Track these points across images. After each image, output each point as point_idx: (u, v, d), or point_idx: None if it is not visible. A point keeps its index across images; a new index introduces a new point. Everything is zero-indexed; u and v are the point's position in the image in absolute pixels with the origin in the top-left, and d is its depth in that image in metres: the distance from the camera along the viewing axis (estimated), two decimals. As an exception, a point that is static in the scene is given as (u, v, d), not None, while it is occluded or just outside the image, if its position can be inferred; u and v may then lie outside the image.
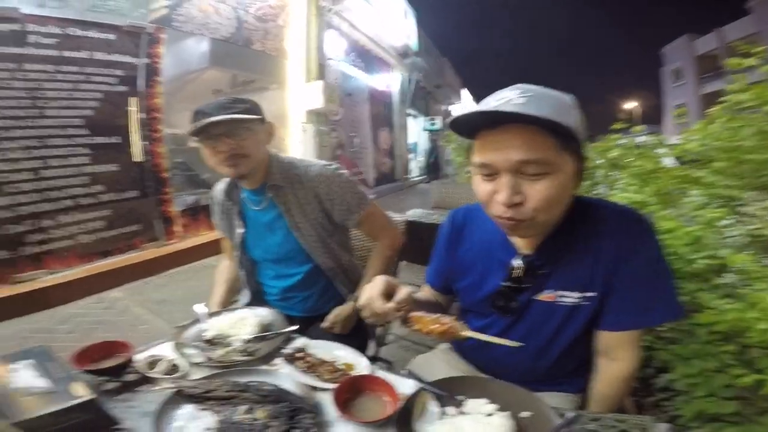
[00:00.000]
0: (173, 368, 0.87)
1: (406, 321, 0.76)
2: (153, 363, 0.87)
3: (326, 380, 0.83)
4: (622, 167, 2.00)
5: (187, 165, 4.34)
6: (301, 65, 5.69)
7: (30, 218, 3.04)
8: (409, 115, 11.93)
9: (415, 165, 13.19)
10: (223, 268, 1.44)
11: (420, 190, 10.08)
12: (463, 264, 0.94)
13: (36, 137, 3.05)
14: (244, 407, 0.72)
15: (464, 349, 1.01)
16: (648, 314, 0.77)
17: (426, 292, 1.06)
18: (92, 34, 3.39)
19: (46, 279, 3.07)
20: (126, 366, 0.86)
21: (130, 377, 0.85)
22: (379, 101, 9.75)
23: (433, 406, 0.72)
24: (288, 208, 1.22)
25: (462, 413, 0.69)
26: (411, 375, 0.81)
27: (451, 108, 16.62)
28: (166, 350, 0.94)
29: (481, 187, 0.74)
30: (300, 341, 0.99)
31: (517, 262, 0.82)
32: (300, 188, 1.22)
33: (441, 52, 15.20)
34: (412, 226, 1.64)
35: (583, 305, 0.79)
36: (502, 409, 0.68)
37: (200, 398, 0.75)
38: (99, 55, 3.43)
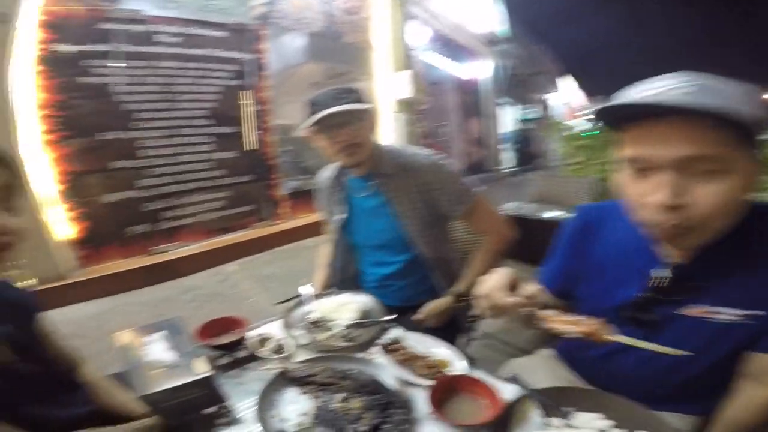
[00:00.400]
0: (280, 348, 0.91)
1: (532, 318, 0.69)
2: (262, 341, 0.92)
3: (420, 375, 0.81)
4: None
5: (292, 153, 4.72)
6: (387, 56, 5.78)
7: (165, 197, 3.55)
8: (502, 103, 11.45)
9: (508, 155, 12.60)
10: (325, 251, 1.48)
11: (513, 181, 9.60)
12: (592, 268, 0.84)
13: (170, 127, 3.54)
14: (341, 395, 0.73)
15: (574, 357, 0.91)
16: None
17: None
18: (207, 32, 3.81)
19: (175, 252, 3.53)
20: (240, 343, 0.91)
21: (241, 354, 0.91)
22: (468, 90, 9.54)
23: (536, 416, 0.66)
24: (393, 195, 1.23)
25: (569, 426, 0.63)
26: (514, 380, 0.75)
27: (547, 97, 15.62)
28: (274, 329, 0.99)
29: (632, 187, 0.65)
30: (396, 332, 0.99)
31: (661, 272, 0.72)
32: (406, 176, 1.22)
33: (535, 39, 14.39)
34: (514, 221, 1.49)
35: (745, 324, 0.67)
36: (618, 426, 0.62)
37: (302, 382, 0.77)
38: (215, 52, 3.85)
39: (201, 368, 0.73)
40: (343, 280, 1.40)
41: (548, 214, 2.92)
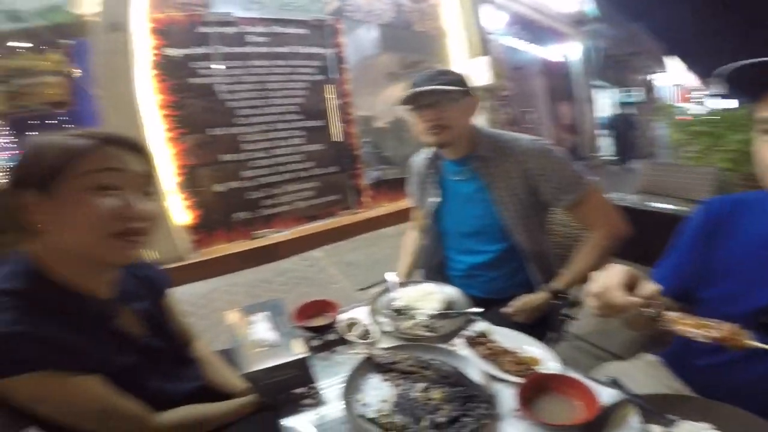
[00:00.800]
0: (366, 334, 0.95)
1: (655, 320, 0.62)
2: (350, 326, 0.97)
3: (507, 371, 0.79)
4: None
5: (374, 144, 4.85)
6: (462, 42, 5.58)
7: (264, 187, 3.90)
8: (596, 86, 10.41)
9: (606, 142, 11.46)
10: (411, 239, 1.48)
11: (612, 171, 8.72)
12: (721, 267, 0.75)
13: (266, 122, 3.87)
14: (422, 385, 0.74)
15: (683, 365, 0.82)
16: None
17: None
18: (290, 30, 4.04)
19: (272, 237, 3.86)
20: (331, 326, 0.97)
21: (331, 337, 0.96)
22: (556, 73, 8.85)
23: (635, 422, 0.62)
24: (492, 180, 1.19)
25: None
26: (614, 383, 0.69)
27: (652, 78, 13.78)
28: (361, 314, 1.03)
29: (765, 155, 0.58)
30: (482, 325, 0.97)
31: None
32: (507, 161, 1.18)
33: (631, 18, 12.80)
34: (628, 215, 1.31)
35: None
36: None
37: (385, 368, 0.79)
38: (299, 49, 4.08)
39: (298, 349, 0.79)
40: (429, 267, 1.40)
41: (660, 206, 2.60)
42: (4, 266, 0.66)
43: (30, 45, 3.26)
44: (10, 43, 3.26)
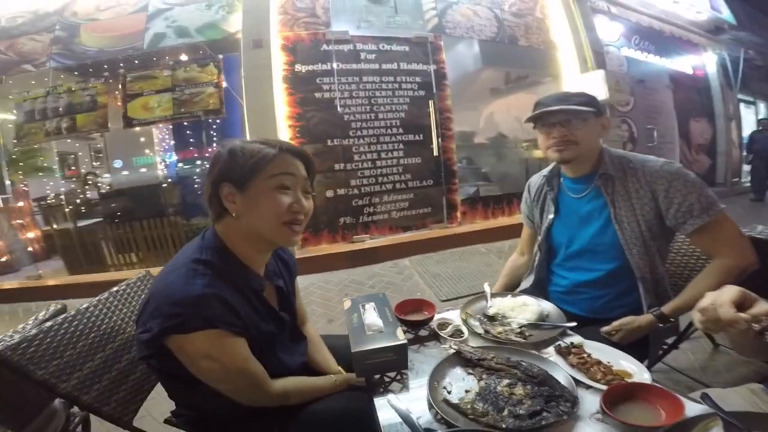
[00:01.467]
0: (457, 332, 1.04)
1: (762, 333, 0.61)
2: (443, 325, 1.07)
3: (595, 380, 0.81)
4: None
5: (470, 159, 4.88)
6: (574, 55, 5.32)
7: (367, 196, 4.21)
8: (742, 101, 8.91)
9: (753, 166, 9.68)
10: (512, 261, 1.54)
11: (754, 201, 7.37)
12: None
13: (373, 135, 4.20)
14: (507, 381, 0.80)
15: None
16: None
17: None
18: (395, 47, 4.32)
19: (369, 242, 4.13)
20: (427, 322, 1.08)
21: (424, 333, 1.08)
22: (688, 86, 7.80)
23: None
24: (615, 198, 1.20)
25: None
26: (706, 399, 0.69)
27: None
28: (453, 316, 1.13)
29: None
30: (577, 338, 0.99)
31: None
32: (633, 181, 1.18)
33: None
34: (760, 246, 1.17)
35: None
36: None
37: (473, 364, 0.87)
38: (403, 65, 4.34)
39: (401, 336, 0.90)
40: (535, 281, 1.42)
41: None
42: (196, 240, 0.90)
43: (194, 58, 4.02)
44: (182, 57, 4.06)
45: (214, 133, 4.07)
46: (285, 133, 3.88)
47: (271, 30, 3.89)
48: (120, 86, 3.96)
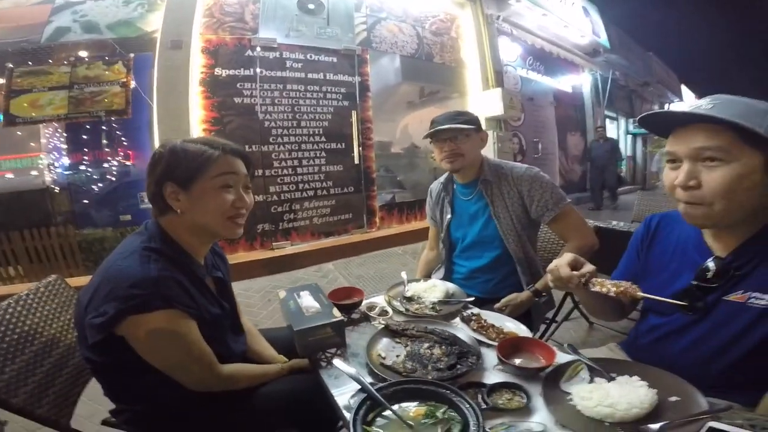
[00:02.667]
0: (384, 312, 1.23)
1: (586, 284, 0.87)
2: (371, 307, 1.25)
3: (491, 339, 1.03)
4: None
5: (388, 168, 5.17)
6: (479, 74, 5.94)
7: (287, 202, 4.21)
8: (608, 117, 10.66)
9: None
10: (425, 256, 1.79)
11: (620, 202, 8.84)
12: (654, 264, 1.00)
13: (295, 143, 4.23)
14: (427, 344, 0.99)
15: (633, 348, 1.06)
16: None
17: None
18: (323, 57, 4.43)
19: (290, 249, 4.14)
20: (357, 305, 1.24)
21: (355, 315, 1.23)
22: (567, 104, 9.09)
23: (585, 375, 0.84)
24: (493, 200, 1.49)
25: (611, 384, 0.78)
26: (570, 348, 0.92)
27: (668, 107, 13.91)
28: (379, 300, 1.32)
29: (668, 176, 0.83)
30: (475, 309, 1.24)
31: (710, 264, 0.85)
32: (505, 184, 1.48)
33: (644, 47, 13.10)
34: (601, 233, 1.69)
35: None
36: (650, 387, 0.74)
37: (398, 333, 1.06)
38: (330, 75, 4.46)
39: (337, 314, 1.04)
40: (440, 269, 1.69)
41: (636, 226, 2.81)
42: (143, 232, 0.93)
43: (99, 55, 3.69)
44: (82, 53, 3.68)
45: (117, 135, 3.72)
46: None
47: (193, 31, 3.75)
48: (4, 81, 3.47)
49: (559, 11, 7.61)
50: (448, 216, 1.60)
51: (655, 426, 0.66)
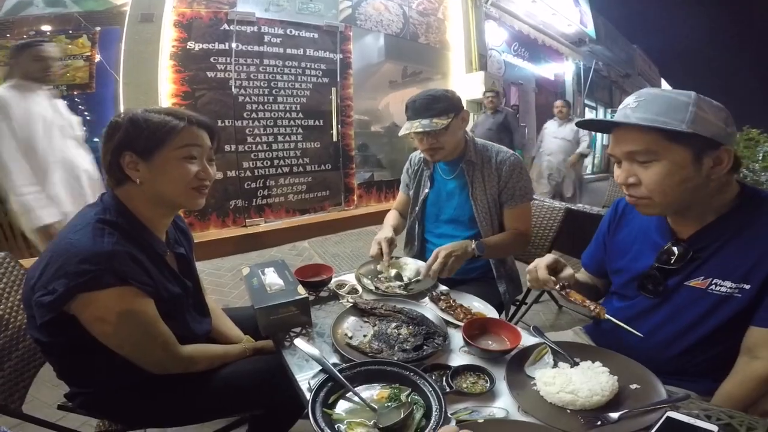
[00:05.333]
0: (353, 290, 1.20)
1: (561, 291, 0.90)
2: (341, 285, 1.22)
3: (459, 319, 1.02)
4: None
5: (366, 146, 5.09)
6: (463, 56, 5.87)
7: (261, 178, 4.10)
8: (587, 106, 10.81)
9: (590, 161, 11.85)
10: (393, 215, 1.71)
11: (592, 188, 9.05)
12: (620, 247, 1.02)
13: (270, 118, 4.09)
14: (395, 324, 0.98)
15: (595, 333, 1.09)
16: None
17: (583, 275, 1.15)
18: (303, 33, 4.28)
19: (263, 225, 4.06)
20: (326, 283, 1.20)
21: (324, 293, 1.19)
22: (549, 92, 9.15)
23: (549, 359, 0.84)
24: (473, 180, 1.46)
25: (573, 369, 0.78)
26: (536, 331, 0.92)
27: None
28: (349, 278, 1.29)
29: (615, 173, 0.87)
30: (445, 288, 1.23)
31: (670, 245, 0.87)
32: (488, 167, 1.46)
33: (630, 39, 13.23)
34: (572, 215, 1.75)
35: (734, 296, 0.80)
36: (612, 374, 0.75)
37: (367, 312, 1.03)
38: (310, 52, 4.31)
39: (302, 291, 1.01)
40: (411, 249, 1.67)
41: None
42: (98, 204, 0.88)
43: (63, 29, 3.51)
44: (45, 27, 3.52)
45: (80, 110, 3.55)
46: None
47: (165, 4, 3.53)
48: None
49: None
50: (426, 190, 1.57)
51: (615, 415, 0.67)
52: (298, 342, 0.85)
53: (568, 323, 2.42)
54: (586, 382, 0.71)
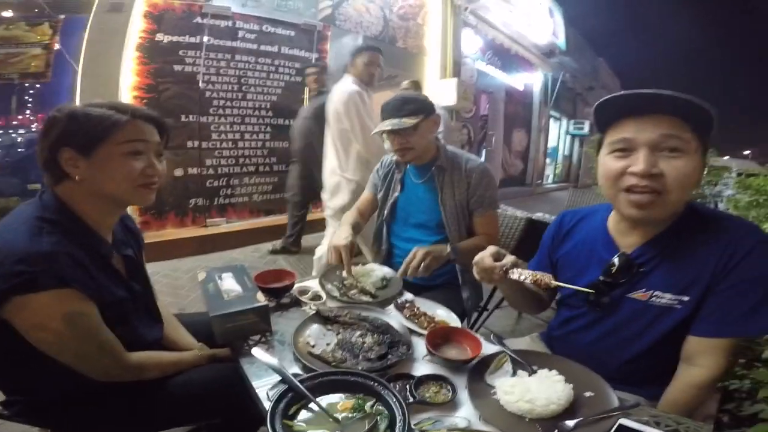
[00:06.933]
0: (317, 297, 1.17)
1: (506, 273, 0.89)
2: (303, 291, 1.18)
3: (423, 328, 1.03)
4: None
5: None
6: (438, 62, 5.96)
7: (225, 177, 3.97)
8: (552, 116, 11.22)
9: (553, 170, 12.36)
10: (352, 214, 1.67)
11: (553, 197, 9.40)
12: (565, 259, 1.04)
13: (238, 115, 3.98)
14: (359, 332, 0.96)
15: (551, 339, 1.12)
16: (742, 325, 0.77)
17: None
18: (279, 30, 4.21)
19: (225, 226, 3.93)
20: (288, 289, 1.16)
21: (285, 299, 1.16)
22: (517, 101, 9.45)
23: (508, 368, 0.85)
24: (443, 186, 1.48)
25: (531, 377, 0.80)
26: (496, 338, 0.94)
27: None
28: (313, 284, 1.26)
29: (612, 165, 0.83)
30: (410, 296, 1.23)
31: (615, 260, 0.89)
32: (457, 173, 1.48)
33: (597, 52, 13.88)
34: (532, 225, 1.79)
35: (674, 308, 0.83)
36: (567, 382, 0.76)
37: (330, 320, 1.01)
38: (285, 49, 4.24)
39: (261, 299, 0.97)
40: (378, 253, 1.66)
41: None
42: (32, 202, 0.81)
43: (24, 15, 3.33)
44: (5, 13, 3.32)
45: (32, 99, 3.37)
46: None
47: None
48: None
49: (526, 9, 7.75)
50: (396, 194, 1.58)
51: (571, 423, 0.68)
52: (256, 351, 0.82)
53: (528, 329, 2.49)
54: (543, 390, 0.73)
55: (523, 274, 0.87)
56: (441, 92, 5.75)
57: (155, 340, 0.99)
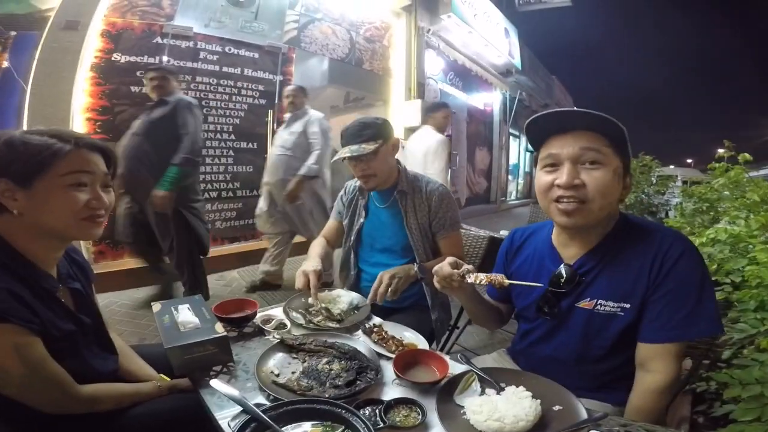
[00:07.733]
0: (281, 325, 1.14)
1: (463, 277, 0.93)
2: (267, 321, 1.15)
3: (391, 351, 1.02)
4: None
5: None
6: (403, 84, 6.10)
7: (185, 203, 3.80)
8: (511, 134, 11.65)
9: (515, 187, 12.78)
10: (319, 243, 1.66)
11: (516, 213, 9.69)
12: (518, 273, 1.07)
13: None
14: (325, 359, 0.94)
15: (515, 354, 1.14)
16: (684, 329, 0.82)
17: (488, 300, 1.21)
18: (243, 52, 4.16)
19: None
20: (249, 319, 1.13)
21: (248, 329, 1.13)
22: (478, 120, 9.77)
23: (476, 387, 0.86)
24: (407, 209, 1.49)
25: (499, 395, 0.80)
26: (463, 358, 0.95)
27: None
28: (277, 312, 1.23)
29: (543, 179, 0.90)
30: (377, 320, 1.23)
31: (561, 270, 0.94)
32: (419, 196, 1.50)
33: (549, 70, 14.68)
34: (494, 243, 1.84)
35: (618, 315, 0.87)
36: (534, 398, 0.77)
37: (295, 348, 0.99)
38: (248, 71, 4.19)
39: (220, 329, 0.93)
40: (347, 280, 1.64)
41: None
42: None
43: None
44: None
45: None
46: (81, 126, 3.26)
47: (96, 12, 3.26)
48: None
49: (484, 30, 8.03)
50: (361, 220, 1.58)
51: (541, 438, 0.68)
52: (215, 383, 0.78)
53: (501, 343, 2.50)
54: (510, 408, 0.73)
55: (479, 277, 0.92)
56: (406, 113, 5.86)
57: (110, 371, 0.94)
